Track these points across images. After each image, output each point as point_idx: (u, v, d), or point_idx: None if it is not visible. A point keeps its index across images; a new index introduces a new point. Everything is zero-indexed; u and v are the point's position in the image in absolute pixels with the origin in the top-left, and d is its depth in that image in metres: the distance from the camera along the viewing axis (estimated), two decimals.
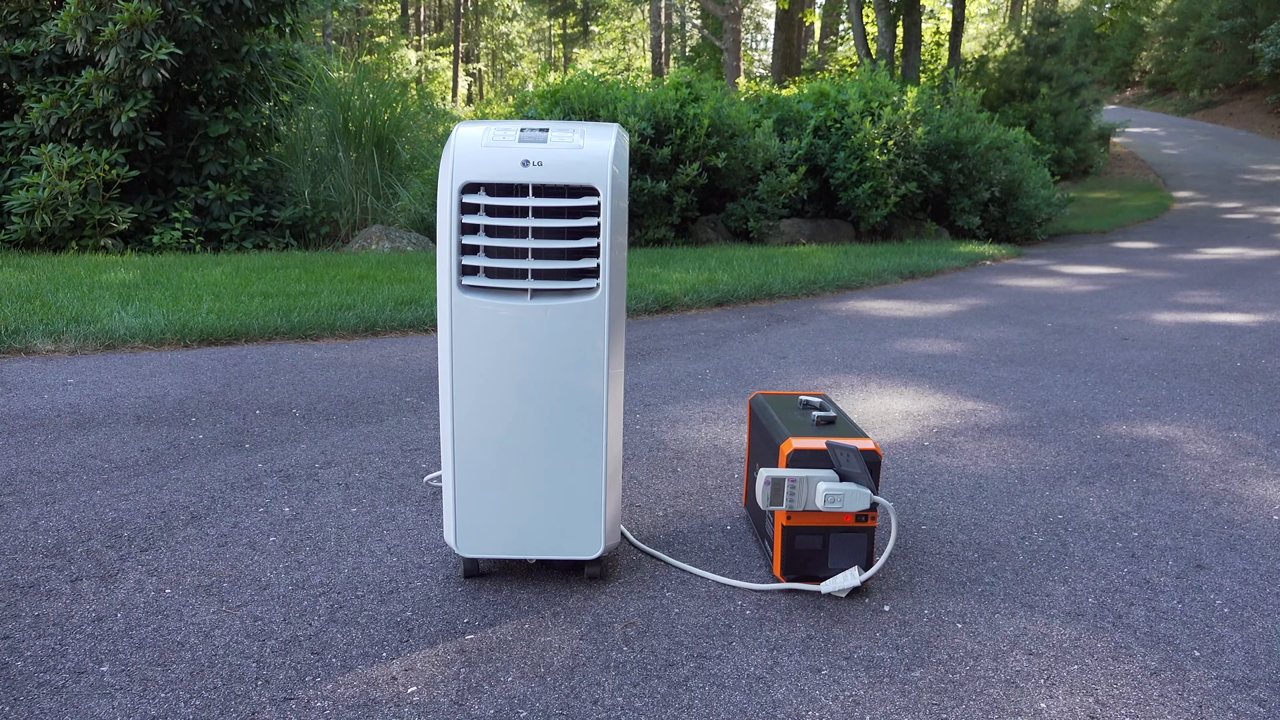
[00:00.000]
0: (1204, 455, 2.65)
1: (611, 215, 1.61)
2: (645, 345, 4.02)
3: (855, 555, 1.76)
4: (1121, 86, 29.33)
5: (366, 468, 2.41)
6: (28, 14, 6.71)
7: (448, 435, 1.69)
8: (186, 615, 1.66)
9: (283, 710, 1.39)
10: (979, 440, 2.75)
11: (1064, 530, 2.11)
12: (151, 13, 6.14)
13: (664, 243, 7.56)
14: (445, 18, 37.60)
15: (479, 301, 1.64)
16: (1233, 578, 1.89)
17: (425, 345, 3.88)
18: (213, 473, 2.35)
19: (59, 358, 3.50)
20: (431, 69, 30.25)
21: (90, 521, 2.04)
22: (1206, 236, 9.24)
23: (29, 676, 1.46)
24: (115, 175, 6.26)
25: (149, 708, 1.38)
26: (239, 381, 3.21)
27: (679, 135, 7.33)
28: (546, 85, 7.70)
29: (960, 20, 15.44)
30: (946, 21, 19.15)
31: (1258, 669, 1.55)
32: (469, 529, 1.73)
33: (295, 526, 2.04)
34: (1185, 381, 3.49)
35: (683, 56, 32.12)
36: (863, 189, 8.09)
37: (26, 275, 4.97)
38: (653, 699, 1.44)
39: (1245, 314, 5.02)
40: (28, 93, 6.42)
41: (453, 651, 1.56)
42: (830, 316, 4.86)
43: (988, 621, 1.69)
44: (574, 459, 1.70)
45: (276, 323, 3.96)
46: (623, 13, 35.09)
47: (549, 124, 1.65)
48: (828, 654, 1.57)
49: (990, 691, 1.47)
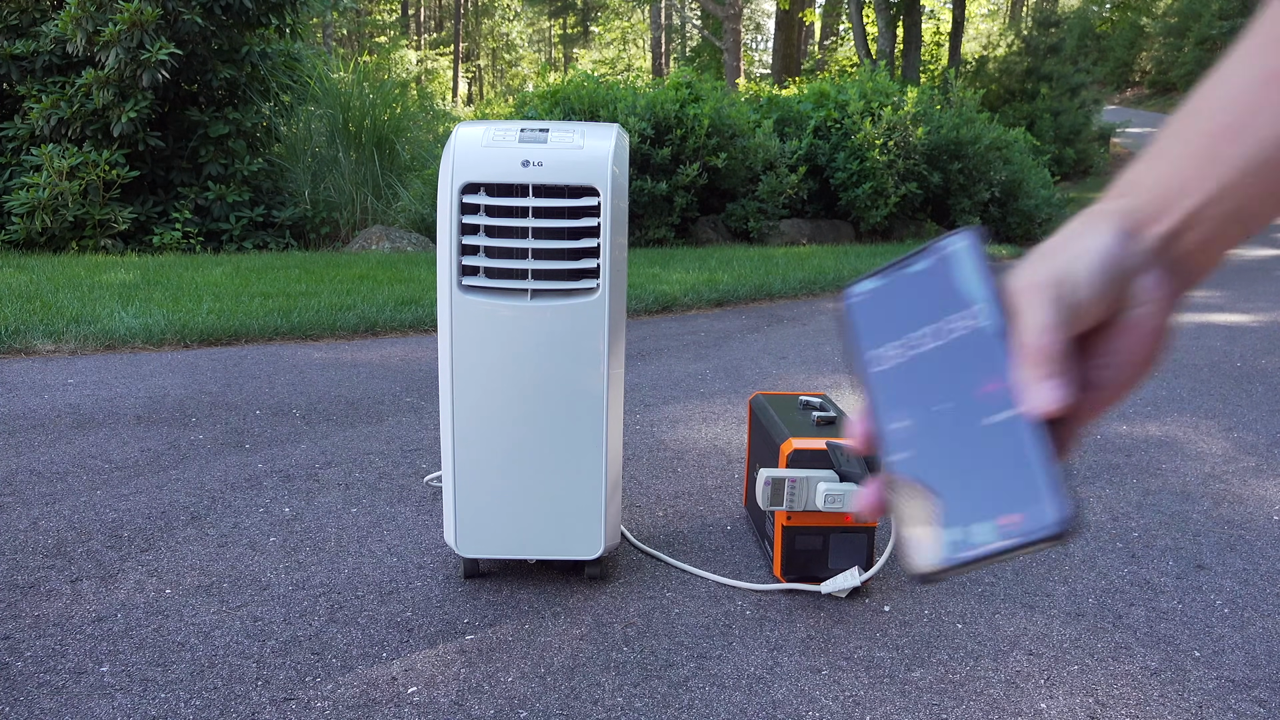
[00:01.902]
0: (1204, 455, 2.65)
1: (611, 215, 1.61)
2: (645, 345, 4.02)
3: (855, 555, 1.76)
4: (1121, 87, 29.34)
5: (366, 468, 2.41)
6: (28, 14, 6.71)
7: (448, 435, 1.69)
8: (186, 615, 1.66)
9: (283, 710, 1.39)
10: None
11: None
12: (151, 13, 6.14)
13: (664, 243, 7.56)
14: (445, 18, 37.60)
15: (479, 301, 1.64)
16: (1233, 578, 1.89)
17: (425, 345, 3.88)
18: (213, 473, 2.35)
19: (59, 358, 3.50)
20: (431, 69, 30.26)
21: (90, 521, 2.04)
22: None
23: (29, 676, 1.46)
24: (115, 175, 6.26)
25: (149, 708, 1.38)
26: (239, 381, 3.21)
27: (679, 135, 7.33)
28: (546, 85, 7.71)
29: (960, 20, 15.45)
30: (946, 22, 19.16)
31: (1258, 669, 1.55)
32: (469, 529, 1.73)
33: (295, 527, 2.04)
34: (1185, 381, 3.49)
35: (683, 57, 32.12)
36: (863, 189, 8.09)
37: (26, 275, 4.97)
38: (653, 699, 1.44)
39: (1245, 314, 5.02)
40: (28, 93, 6.42)
41: (453, 651, 1.56)
42: (830, 316, 4.86)
43: (988, 621, 1.69)
44: (574, 459, 1.70)
45: (276, 323, 3.96)
46: (623, 13, 35.09)
47: (549, 124, 1.65)
48: (828, 654, 1.57)
49: (990, 691, 1.47)
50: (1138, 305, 0.40)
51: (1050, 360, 0.38)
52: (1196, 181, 0.40)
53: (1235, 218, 0.40)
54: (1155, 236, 0.40)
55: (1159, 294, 0.40)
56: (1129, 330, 0.40)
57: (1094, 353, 0.41)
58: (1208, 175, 0.39)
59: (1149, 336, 0.40)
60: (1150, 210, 0.41)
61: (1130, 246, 0.40)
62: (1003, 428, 0.39)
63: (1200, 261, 0.41)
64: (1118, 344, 0.41)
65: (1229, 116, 0.39)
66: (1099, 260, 0.39)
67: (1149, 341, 0.41)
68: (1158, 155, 0.42)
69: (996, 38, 18.36)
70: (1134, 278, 0.40)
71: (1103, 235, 0.40)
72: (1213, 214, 0.40)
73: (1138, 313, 0.40)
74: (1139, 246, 0.40)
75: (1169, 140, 0.41)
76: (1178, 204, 0.40)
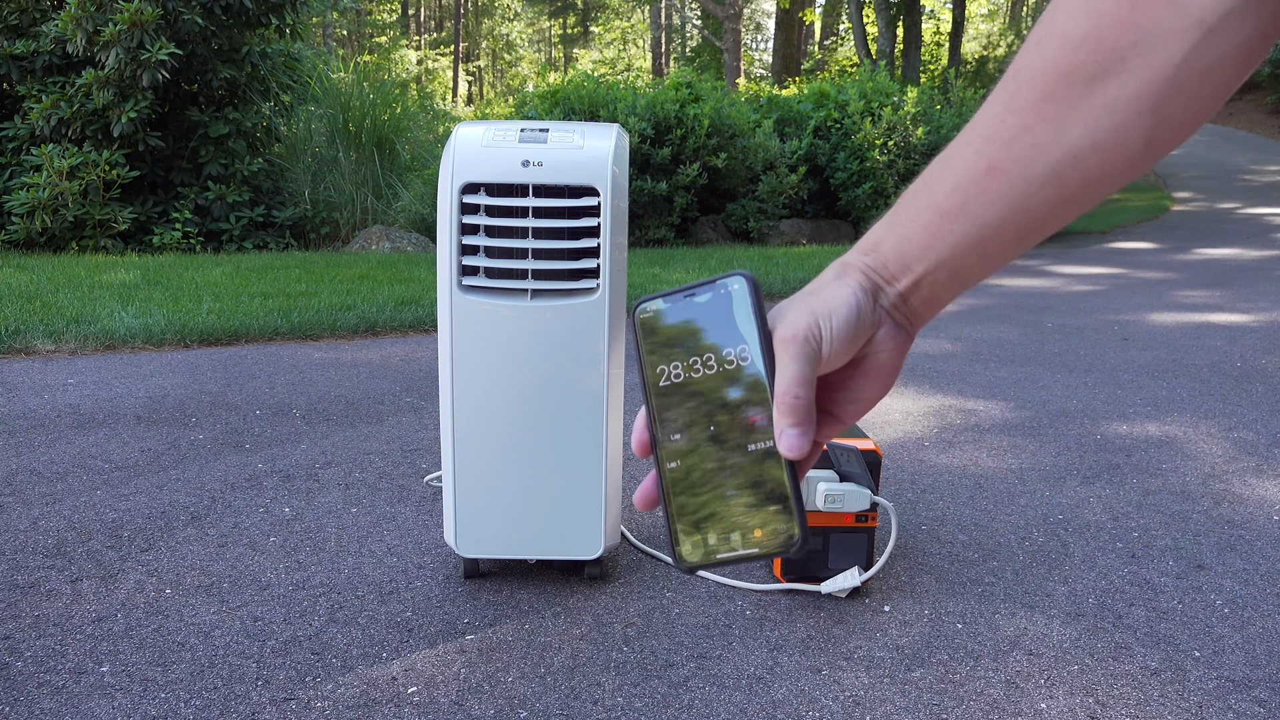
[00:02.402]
0: (1204, 455, 2.65)
1: (611, 215, 1.61)
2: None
3: (855, 555, 1.76)
4: None
5: (366, 468, 2.41)
6: (28, 14, 6.71)
7: (448, 435, 1.69)
8: (186, 615, 1.66)
9: (283, 710, 1.39)
10: (979, 440, 2.75)
11: (1064, 530, 2.11)
12: (152, 13, 6.14)
13: (664, 243, 7.56)
14: (445, 18, 37.60)
15: (479, 301, 1.64)
16: (1233, 578, 1.89)
17: (425, 345, 3.88)
18: (213, 473, 2.35)
19: (59, 358, 3.50)
20: (431, 69, 30.26)
21: (90, 521, 2.04)
22: (1206, 237, 9.24)
23: (29, 676, 1.46)
24: (115, 175, 6.26)
25: (149, 708, 1.38)
26: (239, 381, 3.21)
27: (679, 135, 7.33)
28: (546, 85, 7.71)
29: (960, 20, 15.44)
30: (946, 22, 19.16)
31: (1258, 669, 1.55)
32: (469, 529, 1.73)
33: (295, 527, 2.04)
34: (1185, 381, 3.49)
35: (683, 56, 32.12)
36: (863, 189, 8.09)
37: (27, 275, 4.97)
38: (653, 699, 1.44)
39: (1245, 314, 5.02)
40: (28, 93, 6.42)
41: (453, 651, 1.56)
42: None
43: (988, 621, 1.69)
44: (574, 459, 1.70)
45: (276, 323, 3.96)
46: (623, 13, 35.09)
47: (549, 124, 1.65)
48: (828, 654, 1.57)
49: (990, 691, 1.47)
50: (876, 352, 0.48)
51: (796, 412, 0.45)
52: (924, 250, 0.47)
53: (954, 279, 0.47)
54: (893, 294, 0.48)
55: (893, 344, 0.48)
56: (868, 371, 0.49)
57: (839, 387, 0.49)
58: (933, 247, 0.46)
59: (883, 375, 0.49)
60: (888, 271, 0.48)
61: (871, 301, 0.47)
62: (761, 454, 0.46)
63: (924, 313, 0.49)
64: (858, 382, 0.49)
65: (957, 197, 0.45)
66: (844, 316, 0.46)
67: (883, 379, 0.49)
68: (895, 221, 0.48)
69: (996, 38, 18.36)
70: (874, 329, 0.48)
71: (851, 292, 0.47)
72: (936, 277, 0.47)
73: (875, 358, 0.48)
74: (880, 302, 0.48)
75: (906, 208, 0.48)
76: (911, 268, 0.47)
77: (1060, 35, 0.43)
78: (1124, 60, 0.41)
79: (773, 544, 0.45)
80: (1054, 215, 0.45)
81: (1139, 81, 0.41)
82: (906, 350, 0.49)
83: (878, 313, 0.48)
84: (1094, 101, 0.42)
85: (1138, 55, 0.41)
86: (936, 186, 0.46)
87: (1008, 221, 0.45)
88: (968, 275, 0.47)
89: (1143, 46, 0.40)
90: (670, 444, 0.48)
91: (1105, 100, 0.41)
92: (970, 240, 0.45)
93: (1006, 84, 0.45)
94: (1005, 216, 0.45)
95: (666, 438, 0.48)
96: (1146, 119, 0.41)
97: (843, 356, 0.47)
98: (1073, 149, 0.43)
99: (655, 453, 0.48)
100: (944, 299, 0.48)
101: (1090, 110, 0.42)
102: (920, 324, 0.49)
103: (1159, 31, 0.40)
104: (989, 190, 0.44)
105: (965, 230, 0.45)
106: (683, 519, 0.47)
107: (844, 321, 0.46)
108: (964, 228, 0.45)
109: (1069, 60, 0.42)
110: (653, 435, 0.48)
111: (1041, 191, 0.44)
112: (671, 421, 0.48)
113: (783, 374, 0.45)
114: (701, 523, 0.46)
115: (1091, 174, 0.43)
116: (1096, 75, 0.41)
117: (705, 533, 0.46)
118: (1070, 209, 0.45)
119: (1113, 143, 0.42)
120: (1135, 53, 0.41)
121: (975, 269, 0.47)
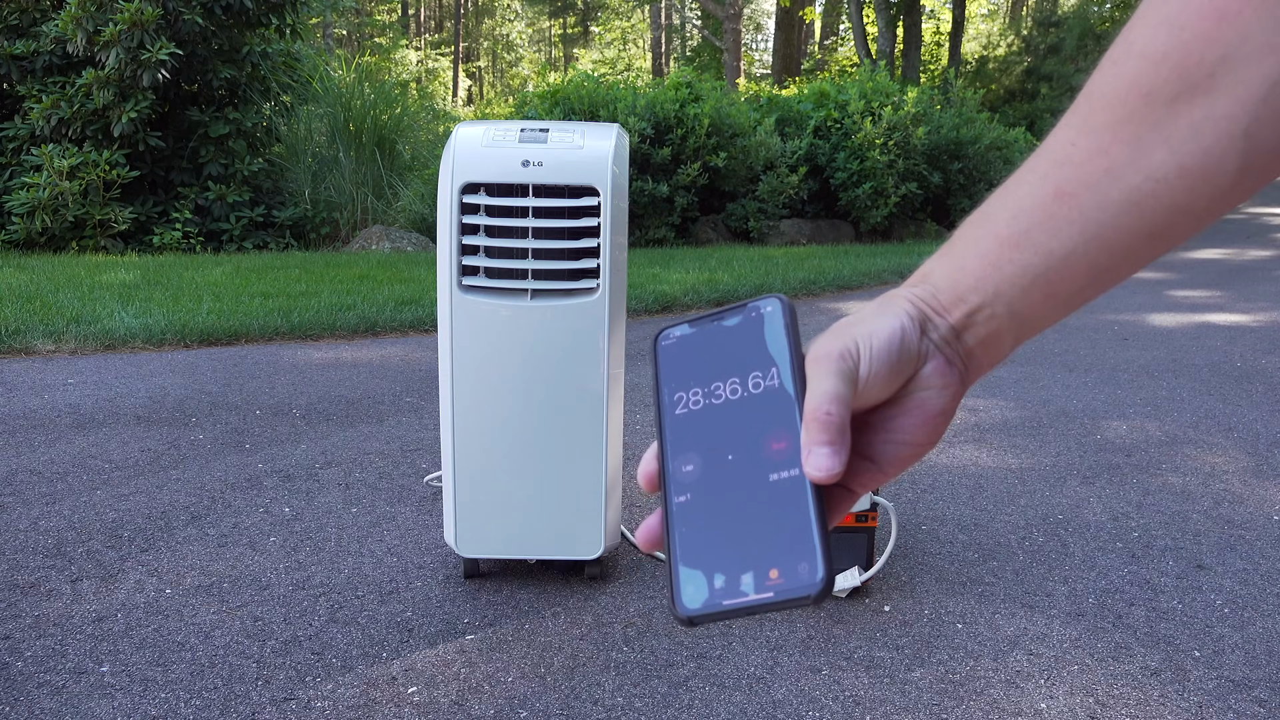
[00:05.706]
0: (1204, 455, 2.65)
1: (611, 215, 1.61)
2: (645, 345, 4.02)
3: (855, 555, 1.76)
4: None
5: (366, 468, 2.41)
6: (28, 14, 6.72)
7: (448, 435, 1.69)
8: (186, 615, 1.66)
9: (283, 710, 1.39)
10: (979, 440, 2.75)
11: (1064, 530, 2.11)
12: (152, 13, 6.14)
13: (664, 243, 7.56)
14: (445, 18, 37.60)
15: (479, 301, 1.64)
16: (1233, 578, 1.89)
17: (425, 345, 3.88)
18: (213, 473, 2.35)
19: (59, 358, 3.50)
20: (432, 69, 30.26)
21: (90, 521, 2.04)
22: (1206, 236, 9.24)
23: (29, 676, 1.46)
24: (115, 175, 6.26)
25: (149, 708, 1.38)
26: (239, 381, 3.21)
27: (679, 135, 7.33)
28: (547, 85, 7.71)
29: (960, 20, 15.45)
30: (946, 21, 19.16)
31: (1258, 669, 1.55)
32: (469, 529, 1.73)
33: (295, 526, 2.04)
34: (1185, 381, 3.49)
35: (683, 56, 32.10)
36: (863, 189, 8.09)
37: (27, 275, 4.97)
38: (653, 699, 1.44)
39: (1245, 314, 5.02)
40: (28, 93, 6.42)
41: (453, 651, 1.56)
42: (830, 317, 4.85)
43: (988, 621, 1.69)
44: (574, 459, 1.70)
45: (276, 323, 3.96)
46: (623, 13, 35.07)
47: (549, 124, 1.65)
48: (828, 654, 1.57)
49: (990, 691, 1.47)
50: (922, 389, 0.43)
51: (828, 429, 0.40)
52: (980, 280, 0.42)
53: (1016, 320, 0.42)
54: (944, 326, 0.43)
55: (942, 381, 0.43)
56: (912, 411, 0.43)
57: (880, 428, 0.43)
58: (990, 276, 0.42)
59: (931, 420, 0.43)
60: (939, 301, 0.43)
61: (918, 332, 0.42)
62: (784, 485, 0.41)
63: (982, 358, 0.43)
64: (901, 423, 0.43)
65: (1019, 224, 0.41)
66: (886, 339, 0.41)
67: (931, 424, 0.43)
68: (949, 251, 0.44)
69: (996, 38, 18.37)
70: (921, 362, 0.42)
71: (894, 317, 0.42)
72: (994, 311, 0.42)
73: (921, 396, 0.43)
74: (929, 335, 0.43)
75: (961, 238, 0.44)
76: (965, 299, 0.42)
77: (1139, 53, 0.39)
78: (1212, 78, 0.37)
79: (791, 588, 0.38)
80: (1134, 250, 0.40)
81: (1230, 101, 0.37)
82: (960, 395, 0.43)
83: (925, 344, 0.42)
84: (1178, 123, 0.38)
85: (1228, 72, 0.37)
86: (996, 215, 0.42)
87: (1078, 253, 0.40)
88: (1031, 316, 0.42)
89: (1233, 62, 0.37)
90: (681, 475, 0.43)
91: (1191, 121, 0.37)
92: (1034, 272, 0.41)
93: (1078, 108, 0.41)
94: (1075, 247, 0.40)
95: (678, 469, 0.43)
96: (1240, 142, 0.37)
97: (883, 385, 0.42)
98: (1154, 174, 0.38)
99: (664, 487, 0.43)
100: (1005, 343, 0.43)
101: (1174, 132, 0.38)
102: (977, 370, 0.44)
103: (1252, 46, 0.36)
104: (1056, 216, 0.40)
105: (1028, 260, 0.41)
106: (687, 558, 0.41)
107: (885, 344, 0.41)
108: (1026, 257, 0.41)
109: (1149, 79, 0.38)
110: (662, 468, 0.44)
111: (1118, 220, 0.39)
112: (685, 451, 0.43)
113: (815, 389, 0.41)
114: (709, 562, 0.40)
115: (1178, 203, 0.39)
116: (1181, 94, 0.38)
117: (711, 574, 0.40)
118: (1153, 244, 0.40)
119: (1200, 168, 0.38)
120: (1225, 69, 0.37)
121: (1040, 308, 0.42)
